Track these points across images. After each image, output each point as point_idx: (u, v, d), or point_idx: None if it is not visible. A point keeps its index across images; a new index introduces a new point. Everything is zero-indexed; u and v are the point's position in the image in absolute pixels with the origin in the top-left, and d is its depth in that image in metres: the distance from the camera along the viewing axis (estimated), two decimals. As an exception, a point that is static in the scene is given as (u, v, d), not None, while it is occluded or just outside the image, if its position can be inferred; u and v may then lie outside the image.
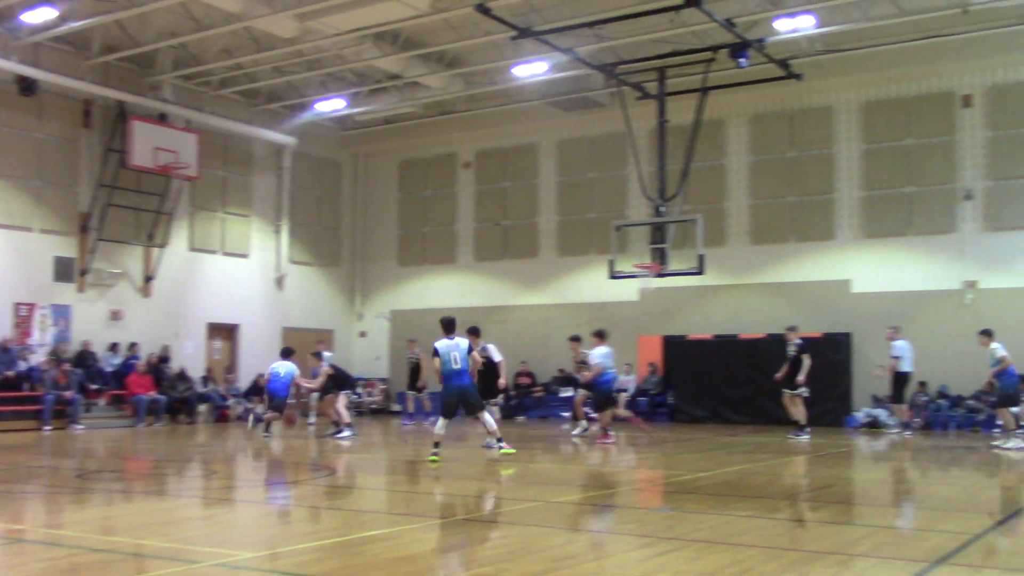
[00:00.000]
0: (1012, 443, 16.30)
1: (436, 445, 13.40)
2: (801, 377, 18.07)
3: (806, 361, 18.06)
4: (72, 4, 19.89)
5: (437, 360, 13.48)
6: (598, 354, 16.94)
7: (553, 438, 18.48)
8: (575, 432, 18.48)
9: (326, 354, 20.88)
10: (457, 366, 13.42)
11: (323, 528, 8.46)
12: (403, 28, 21.29)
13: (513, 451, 14.06)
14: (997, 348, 17.03)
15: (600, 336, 17.19)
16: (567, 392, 23.80)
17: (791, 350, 18.41)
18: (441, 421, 13.61)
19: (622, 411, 19.84)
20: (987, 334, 17.38)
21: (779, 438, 18.17)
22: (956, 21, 20.17)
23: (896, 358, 18.59)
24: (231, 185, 26.22)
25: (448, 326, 13.76)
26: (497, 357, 17.42)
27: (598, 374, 16.90)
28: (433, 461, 13.09)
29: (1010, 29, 20.27)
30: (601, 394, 17.21)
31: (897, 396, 18.95)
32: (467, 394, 13.59)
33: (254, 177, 26.88)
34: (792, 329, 18.85)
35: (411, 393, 22.72)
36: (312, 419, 21.98)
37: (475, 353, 13.99)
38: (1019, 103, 21.37)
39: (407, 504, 10.28)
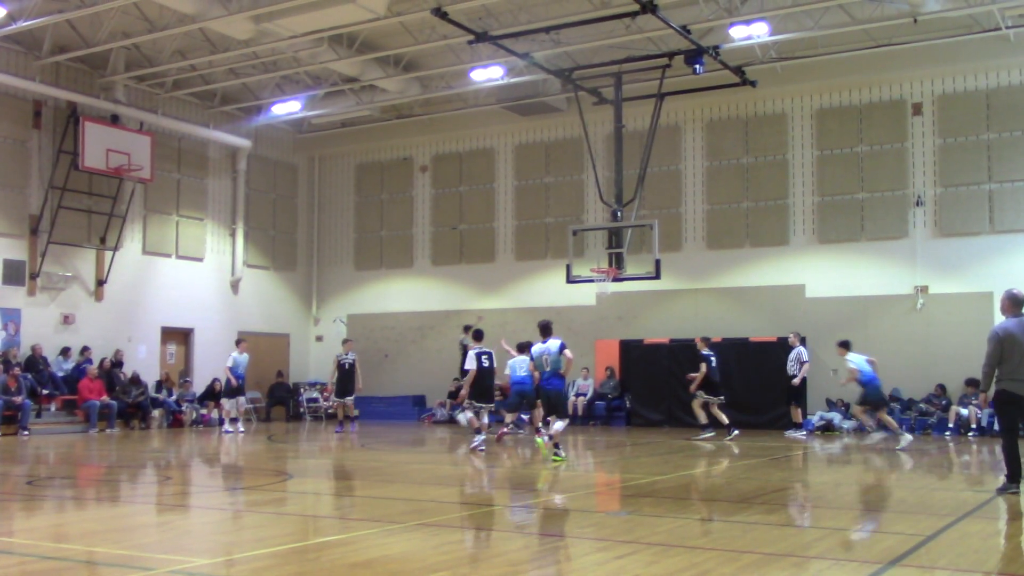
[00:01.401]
0: (902, 441, 17.04)
1: (556, 446, 14.04)
2: (698, 385, 19.20)
3: (702, 368, 19.14)
4: (22, 3, 19.57)
5: (536, 361, 14.49)
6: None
7: (511, 441, 18.47)
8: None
9: (233, 355, 21.14)
10: (548, 368, 14.20)
11: (279, 534, 8.39)
12: (360, 31, 21.21)
13: (562, 459, 14.01)
14: (849, 360, 17.76)
15: (520, 349, 17.80)
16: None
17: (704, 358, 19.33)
18: (559, 423, 14.15)
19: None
20: (844, 346, 18.16)
21: (736, 442, 18.33)
22: (906, 30, 20.52)
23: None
24: (185, 188, 25.95)
25: (544, 330, 14.52)
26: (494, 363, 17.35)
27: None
28: (556, 460, 13.76)
29: (959, 39, 20.65)
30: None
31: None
32: (552, 395, 14.35)
33: (209, 180, 26.63)
34: (704, 340, 19.77)
35: (339, 400, 21.67)
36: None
37: (567, 352, 14.39)
38: (967, 111, 21.76)
39: (364, 509, 10.23)
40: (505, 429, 18.80)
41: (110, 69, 22.88)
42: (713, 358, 19.42)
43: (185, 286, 25.71)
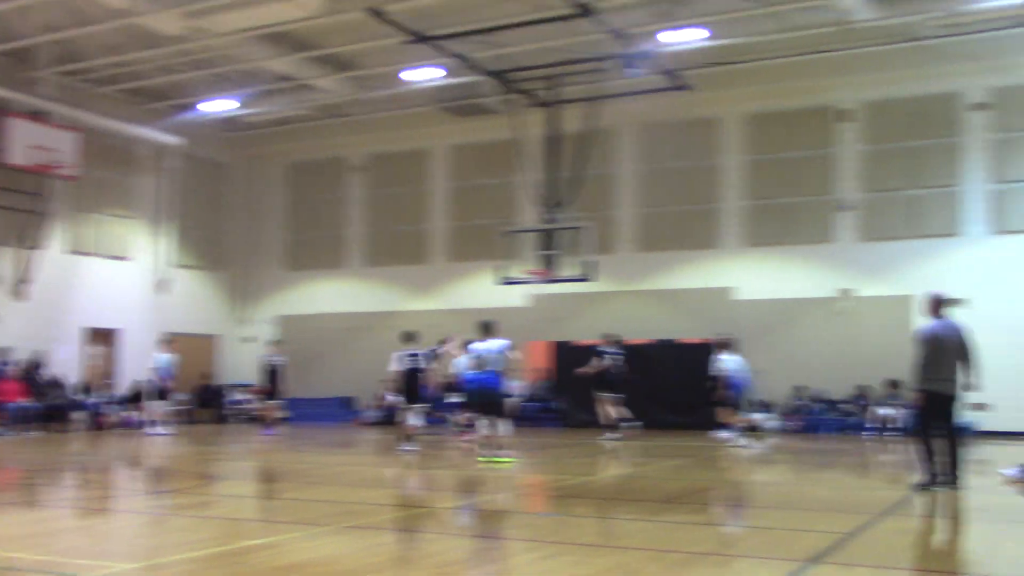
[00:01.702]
0: (740, 440, 17.81)
1: (483, 447, 14.17)
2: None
3: (592, 363, 19.48)
4: (-57, -6, 19.08)
5: (476, 360, 14.59)
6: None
7: (440, 444, 18.45)
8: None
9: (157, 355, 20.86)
10: (491, 367, 14.23)
11: (203, 537, 8.28)
12: (294, 29, 21.00)
13: (510, 461, 13.99)
14: (722, 360, 18.32)
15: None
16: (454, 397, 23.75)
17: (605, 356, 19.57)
18: (503, 425, 14.22)
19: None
20: (722, 345, 18.67)
21: (664, 442, 18.53)
22: (835, 39, 20.91)
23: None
24: (112, 186, 25.45)
25: (486, 329, 14.49)
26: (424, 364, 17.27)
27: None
28: (496, 462, 13.67)
29: (885, 48, 21.11)
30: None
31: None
32: (494, 395, 14.30)
33: (137, 178, 26.15)
34: (606, 337, 19.89)
35: (269, 402, 21.12)
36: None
37: (514, 353, 14.80)
38: (892, 118, 22.28)
39: (290, 512, 10.14)
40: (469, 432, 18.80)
41: (37, 63, 22.35)
42: (609, 356, 19.54)
43: (110, 286, 25.20)
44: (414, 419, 16.73)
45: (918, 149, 21.98)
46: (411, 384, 16.58)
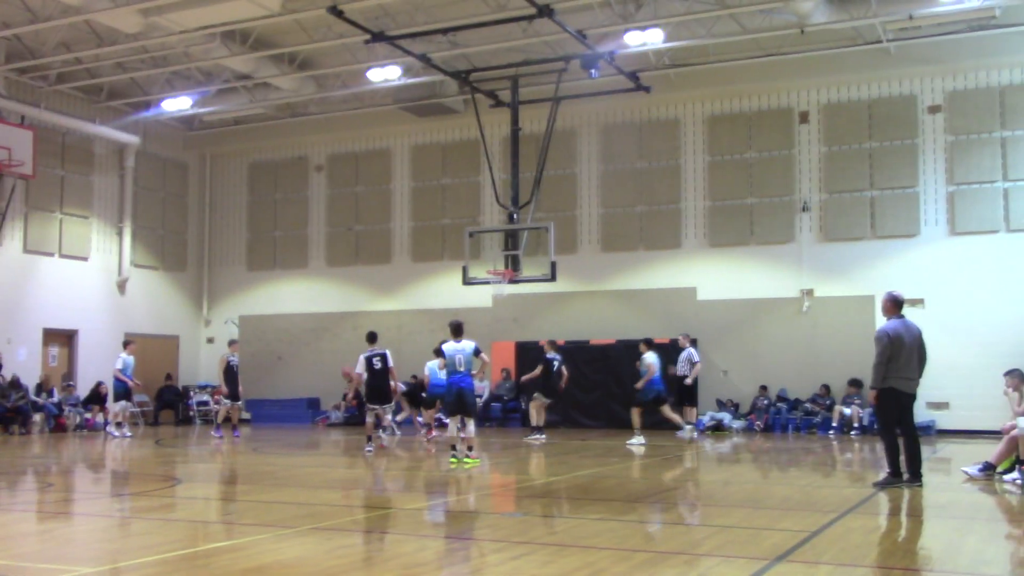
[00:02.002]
0: (635, 440, 18.11)
1: (453, 448, 14.02)
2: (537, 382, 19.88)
3: (538, 369, 19.84)
4: None
5: (442, 360, 14.74)
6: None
7: (406, 444, 18.40)
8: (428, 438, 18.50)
9: (121, 356, 20.70)
10: (461, 368, 14.19)
11: (167, 540, 8.18)
12: (253, 27, 20.83)
13: (477, 462, 14.11)
14: (646, 357, 18.77)
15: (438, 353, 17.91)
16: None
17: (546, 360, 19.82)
18: (452, 422, 14.24)
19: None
20: (646, 343, 19.11)
21: (539, 446, 18.60)
22: (794, 41, 21.13)
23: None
24: (70, 185, 25.10)
25: (456, 330, 14.40)
26: (390, 363, 17.17)
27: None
28: (467, 463, 13.72)
29: (843, 50, 21.37)
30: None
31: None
32: (465, 395, 14.18)
33: (95, 177, 25.81)
34: (551, 342, 20.27)
35: (228, 403, 20.55)
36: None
37: (483, 355, 14.86)
38: (851, 120, 22.51)
39: (255, 514, 10.05)
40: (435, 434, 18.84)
41: (-11, 60, 22.03)
42: (556, 362, 19.83)
43: (69, 286, 24.84)
44: (382, 419, 16.72)
45: (877, 150, 22.23)
46: (377, 384, 16.52)
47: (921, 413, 17.15)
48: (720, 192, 23.51)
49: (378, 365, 16.59)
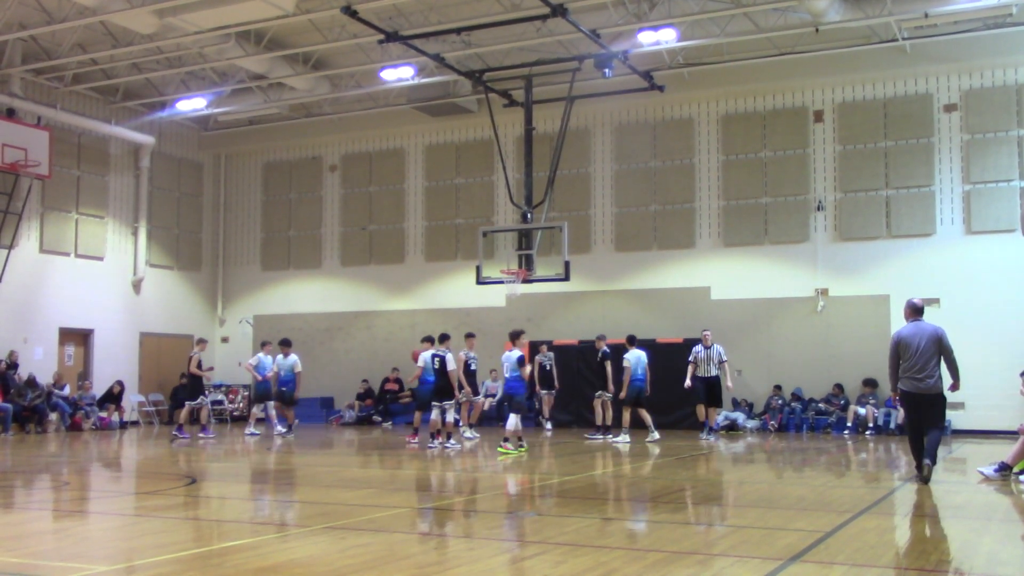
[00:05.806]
0: (620, 438, 18.63)
1: (506, 440, 15.90)
2: (611, 383, 19.66)
3: (607, 368, 19.67)
4: (-88, -9, 18.82)
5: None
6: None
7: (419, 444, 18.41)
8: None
9: (258, 355, 21.86)
10: (508, 375, 16.65)
11: (181, 539, 8.21)
12: (268, 28, 20.90)
13: (517, 452, 15.78)
14: (627, 357, 18.88)
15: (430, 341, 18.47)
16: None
17: (599, 357, 19.88)
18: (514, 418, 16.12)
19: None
20: (629, 341, 19.28)
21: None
22: (809, 40, 21.06)
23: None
24: (85, 185, 25.22)
25: (513, 337, 16.74)
26: (449, 366, 17.51)
27: (417, 377, 18.63)
28: (505, 454, 15.52)
29: (858, 49, 21.29)
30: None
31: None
32: (510, 398, 16.59)
33: (110, 177, 25.94)
34: (601, 338, 20.23)
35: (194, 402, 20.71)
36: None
37: (526, 367, 16.91)
38: (866, 119, 22.41)
39: (268, 513, 10.08)
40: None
41: (5, 61, 22.12)
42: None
43: (84, 286, 24.97)
44: (449, 416, 17.41)
45: (892, 149, 22.13)
46: (440, 383, 17.41)
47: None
48: (734, 191, 23.45)
49: (436, 365, 17.33)
